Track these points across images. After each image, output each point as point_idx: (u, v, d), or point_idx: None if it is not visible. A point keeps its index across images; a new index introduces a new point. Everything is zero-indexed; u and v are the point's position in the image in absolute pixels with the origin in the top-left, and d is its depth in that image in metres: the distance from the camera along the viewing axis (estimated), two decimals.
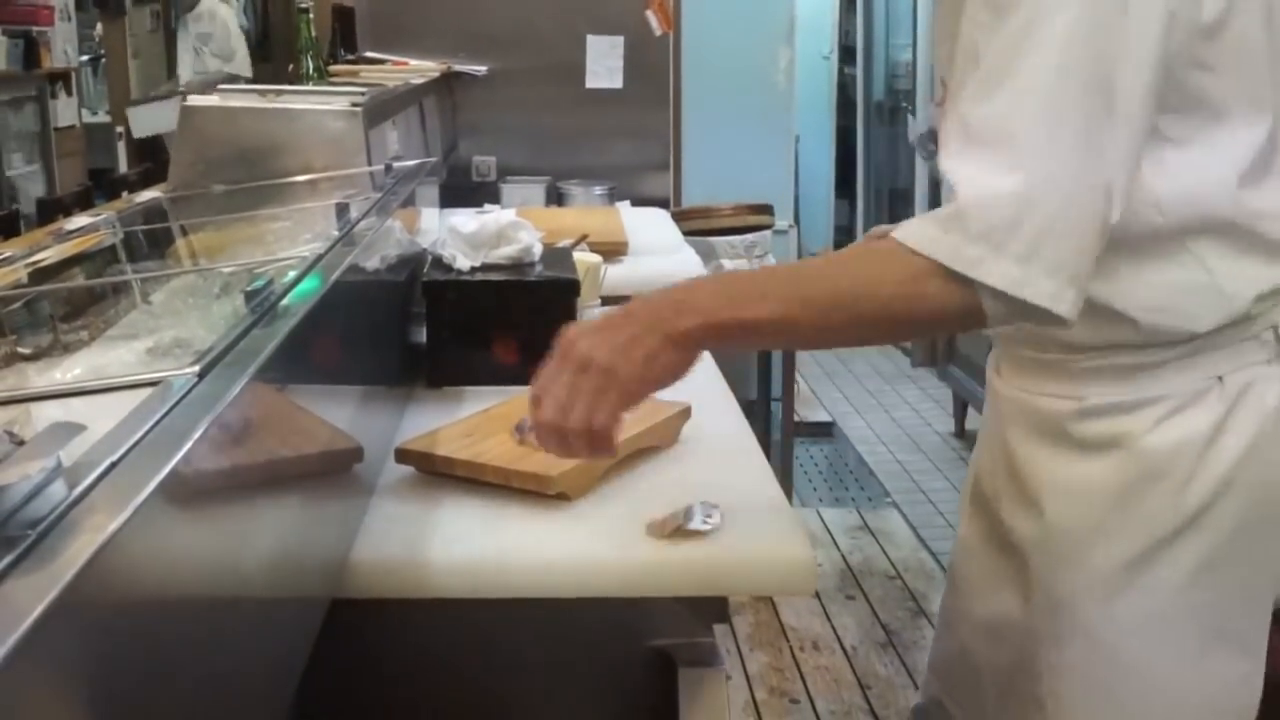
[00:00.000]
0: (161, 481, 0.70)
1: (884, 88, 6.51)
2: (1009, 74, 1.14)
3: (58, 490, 0.65)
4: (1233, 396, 1.27)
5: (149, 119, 7.30)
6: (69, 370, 1.23)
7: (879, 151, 6.58)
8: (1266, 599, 1.36)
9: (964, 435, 4.99)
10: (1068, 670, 1.33)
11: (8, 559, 0.59)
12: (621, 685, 1.39)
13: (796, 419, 4.15)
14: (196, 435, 0.77)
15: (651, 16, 3.49)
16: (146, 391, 0.84)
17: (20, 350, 1.29)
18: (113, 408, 0.81)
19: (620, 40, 3.89)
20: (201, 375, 0.88)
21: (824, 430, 5.01)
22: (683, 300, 1.21)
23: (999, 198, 1.12)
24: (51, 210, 4.19)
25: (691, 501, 1.34)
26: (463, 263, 1.88)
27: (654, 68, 3.95)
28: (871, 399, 5.52)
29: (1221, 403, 1.27)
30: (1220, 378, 1.27)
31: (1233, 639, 1.33)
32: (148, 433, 0.76)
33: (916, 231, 1.16)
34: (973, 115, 1.18)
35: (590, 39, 3.92)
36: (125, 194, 3.47)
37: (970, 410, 4.95)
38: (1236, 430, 1.27)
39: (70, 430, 0.73)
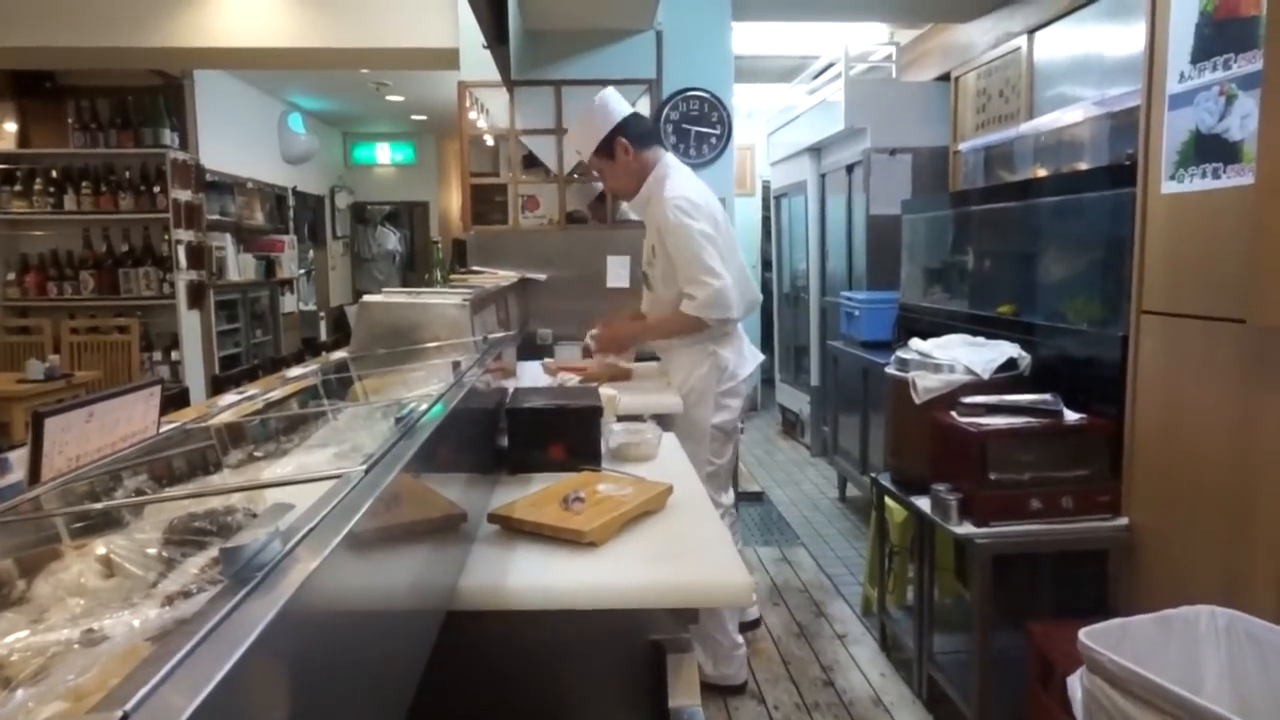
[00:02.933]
0: (341, 540, 0.70)
1: (790, 284, 6.59)
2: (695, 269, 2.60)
3: (276, 547, 0.65)
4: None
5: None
6: (285, 466, 1.23)
7: (787, 321, 6.64)
8: None
9: (845, 499, 4.93)
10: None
11: (246, 590, 0.59)
12: (630, 665, 1.36)
13: (740, 490, 4.10)
14: (363, 510, 0.77)
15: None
16: (332, 482, 0.85)
17: (255, 454, 1.30)
18: (312, 492, 0.82)
19: (627, 259, 3.95)
20: (367, 471, 0.88)
21: (757, 497, 4.96)
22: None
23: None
24: (278, 365, 4.21)
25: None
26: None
27: None
28: (787, 476, 5.46)
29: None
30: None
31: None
32: (332, 509, 0.76)
33: (689, 308, 2.60)
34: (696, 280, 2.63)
35: (609, 258, 3.99)
36: (324, 353, 3.50)
37: (848, 483, 4.90)
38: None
39: (284, 508, 0.73)
